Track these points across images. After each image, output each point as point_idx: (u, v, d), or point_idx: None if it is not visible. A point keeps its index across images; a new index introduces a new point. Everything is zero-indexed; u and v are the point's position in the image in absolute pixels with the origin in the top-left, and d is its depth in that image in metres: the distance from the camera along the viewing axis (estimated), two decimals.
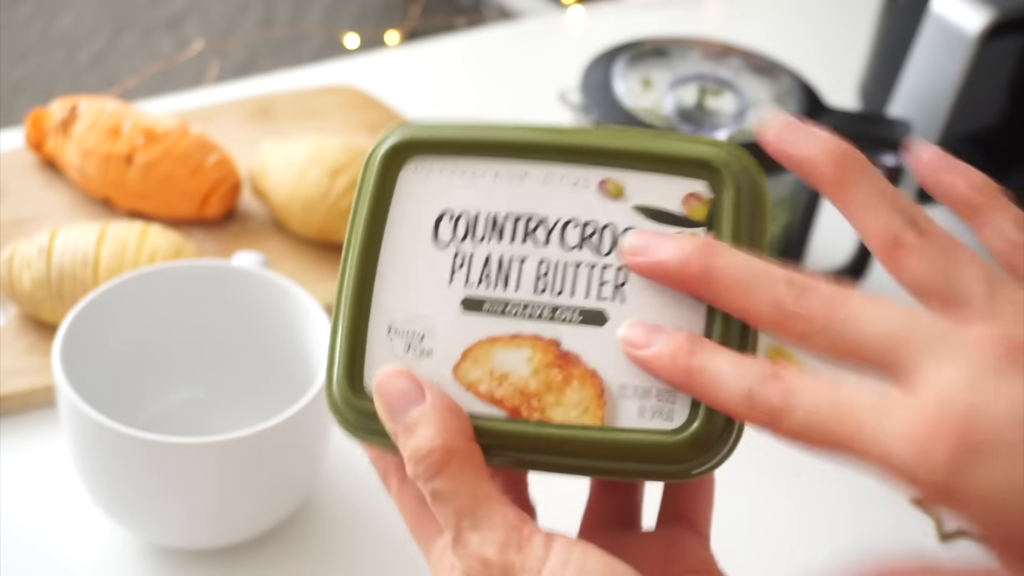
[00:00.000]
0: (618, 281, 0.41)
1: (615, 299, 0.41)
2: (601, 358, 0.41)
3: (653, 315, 0.41)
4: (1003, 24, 0.82)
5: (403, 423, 0.41)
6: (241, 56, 2.31)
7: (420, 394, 0.41)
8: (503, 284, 0.42)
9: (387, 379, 0.41)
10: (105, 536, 0.68)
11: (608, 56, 0.84)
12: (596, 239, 0.42)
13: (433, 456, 0.40)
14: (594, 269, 0.42)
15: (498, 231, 0.42)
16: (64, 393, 0.61)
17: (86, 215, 0.87)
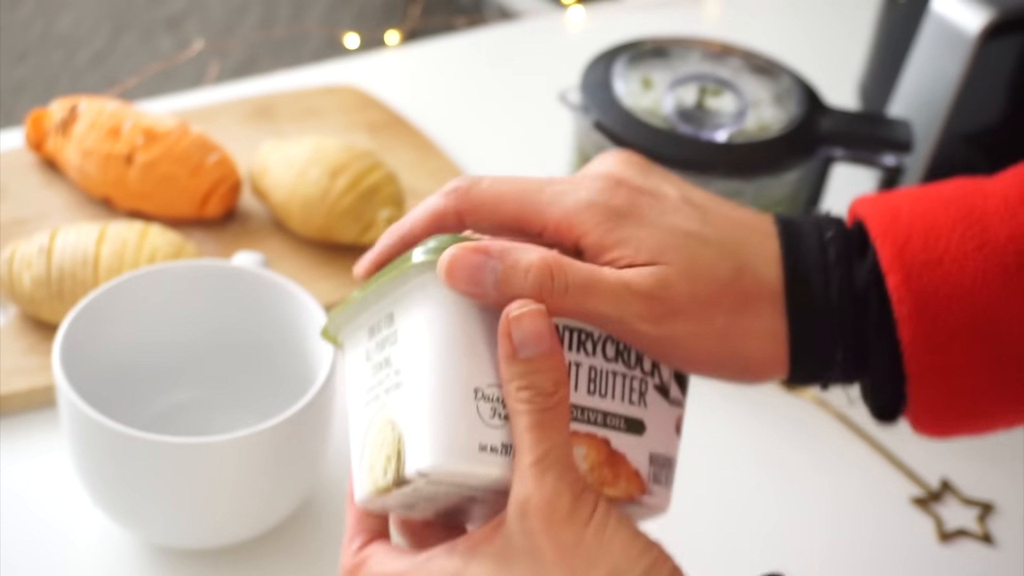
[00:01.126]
0: (642, 389, 0.48)
1: (641, 404, 0.48)
2: (640, 460, 0.48)
3: (664, 419, 0.49)
4: (1003, 24, 0.82)
5: (531, 354, 0.45)
6: (241, 56, 2.31)
7: (553, 339, 0.45)
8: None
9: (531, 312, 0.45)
10: (105, 536, 0.68)
11: (608, 56, 0.84)
12: (627, 354, 0.48)
13: (554, 398, 0.45)
14: (627, 378, 0.48)
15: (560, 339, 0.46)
16: (64, 393, 0.61)
17: (86, 215, 0.87)
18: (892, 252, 0.47)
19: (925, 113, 0.85)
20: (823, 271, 0.48)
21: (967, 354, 0.47)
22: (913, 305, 0.46)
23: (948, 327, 0.47)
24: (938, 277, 0.47)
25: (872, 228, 0.48)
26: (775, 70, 0.84)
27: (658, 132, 0.78)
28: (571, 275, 0.46)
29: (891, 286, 0.47)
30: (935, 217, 0.48)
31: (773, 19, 1.21)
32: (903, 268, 0.47)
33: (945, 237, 0.48)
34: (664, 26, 1.14)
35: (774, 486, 0.75)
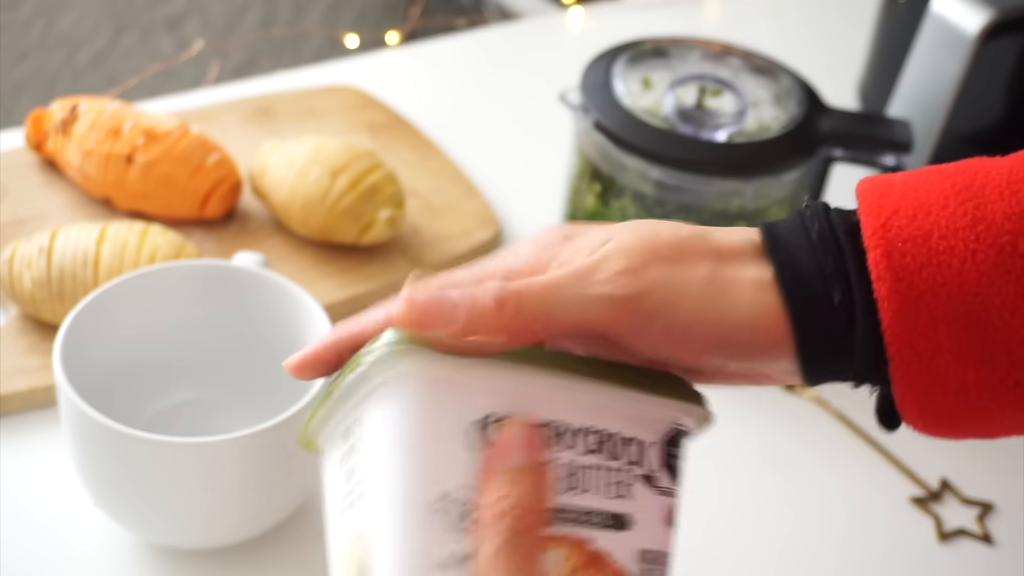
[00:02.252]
0: (627, 481, 0.45)
1: (626, 497, 0.45)
2: (627, 558, 0.44)
3: (652, 511, 0.46)
4: (1002, 24, 0.82)
5: (514, 465, 0.42)
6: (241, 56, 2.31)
7: (541, 451, 0.43)
8: None
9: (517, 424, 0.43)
10: (105, 536, 0.68)
11: (608, 56, 0.84)
12: (609, 445, 0.45)
13: (532, 516, 0.42)
14: (609, 471, 0.45)
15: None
16: (64, 393, 0.61)
17: (86, 215, 0.87)
18: (875, 226, 0.44)
19: (925, 113, 0.85)
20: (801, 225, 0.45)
21: (954, 341, 0.43)
22: (893, 284, 0.43)
23: (932, 310, 0.43)
24: (923, 255, 0.43)
25: (861, 202, 0.45)
26: (775, 70, 0.84)
27: (658, 132, 0.78)
28: (523, 283, 0.44)
29: (871, 262, 0.44)
30: (928, 191, 0.45)
31: (773, 19, 1.21)
32: (885, 243, 0.44)
33: (936, 212, 0.44)
34: (664, 26, 1.14)
35: (774, 486, 0.75)
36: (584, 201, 0.84)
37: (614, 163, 0.80)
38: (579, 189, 0.84)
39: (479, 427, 0.43)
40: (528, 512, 0.42)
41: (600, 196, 0.82)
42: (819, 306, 0.44)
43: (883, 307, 0.43)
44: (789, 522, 0.73)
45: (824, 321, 0.44)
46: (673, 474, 0.47)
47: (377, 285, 0.84)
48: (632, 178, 0.80)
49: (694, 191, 0.79)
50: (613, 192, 0.81)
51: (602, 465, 0.45)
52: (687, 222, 0.80)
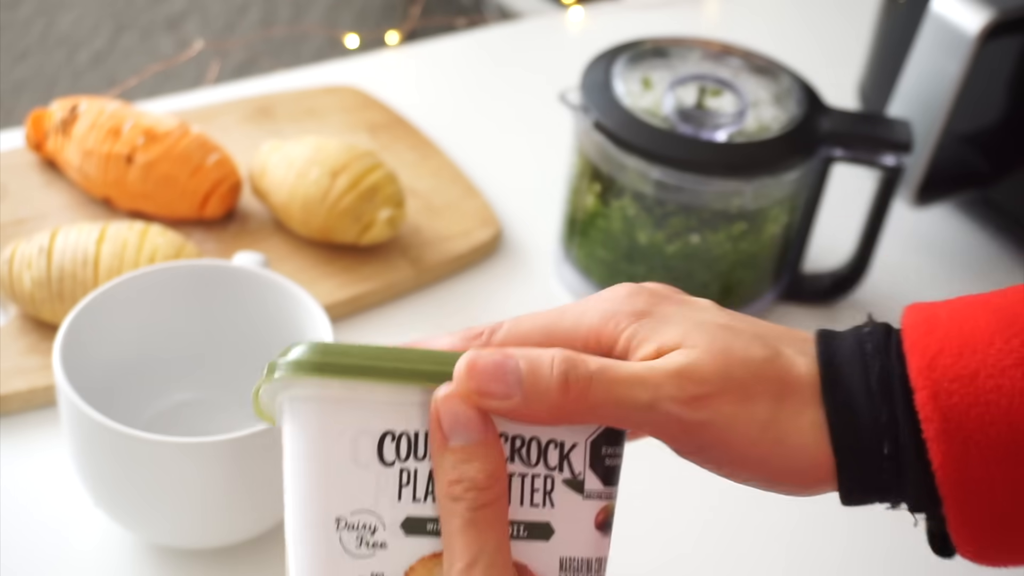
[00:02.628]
0: (547, 488, 0.44)
1: (546, 504, 0.44)
2: (547, 567, 0.44)
3: (578, 517, 0.44)
4: (1002, 24, 0.82)
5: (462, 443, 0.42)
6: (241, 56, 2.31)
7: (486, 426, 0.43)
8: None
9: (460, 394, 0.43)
10: (105, 536, 0.68)
11: (608, 56, 0.84)
12: (524, 451, 0.44)
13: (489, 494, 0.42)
14: (526, 478, 0.44)
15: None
16: (64, 393, 0.61)
17: (86, 215, 0.87)
18: (921, 365, 0.44)
19: (925, 113, 0.85)
20: (861, 361, 0.45)
21: (1007, 479, 0.43)
22: (941, 425, 0.43)
23: (982, 448, 0.43)
24: (971, 395, 0.43)
25: (906, 338, 0.45)
26: (775, 70, 0.84)
27: (658, 132, 0.78)
28: (594, 364, 0.43)
29: (918, 403, 0.43)
30: (974, 327, 0.44)
31: (773, 19, 1.21)
32: (931, 383, 0.43)
33: (982, 351, 0.44)
34: (664, 26, 1.14)
35: None
36: (584, 201, 0.84)
37: (614, 163, 0.80)
38: (579, 189, 0.84)
39: (378, 447, 0.43)
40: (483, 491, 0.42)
41: (600, 196, 0.82)
42: (870, 458, 0.44)
43: (932, 448, 0.43)
44: (793, 521, 0.73)
45: (873, 472, 0.45)
46: (607, 477, 0.45)
47: (377, 285, 0.84)
48: (632, 178, 0.80)
49: (694, 191, 0.79)
50: (613, 192, 0.81)
51: (517, 472, 0.44)
52: (687, 222, 0.80)
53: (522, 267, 0.90)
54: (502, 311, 0.86)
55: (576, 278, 0.87)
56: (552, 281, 0.89)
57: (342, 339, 0.80)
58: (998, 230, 0.96)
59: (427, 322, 0.84)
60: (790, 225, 0.84)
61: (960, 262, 0.95)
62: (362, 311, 0.84)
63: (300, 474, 0.43)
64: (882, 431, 0.44)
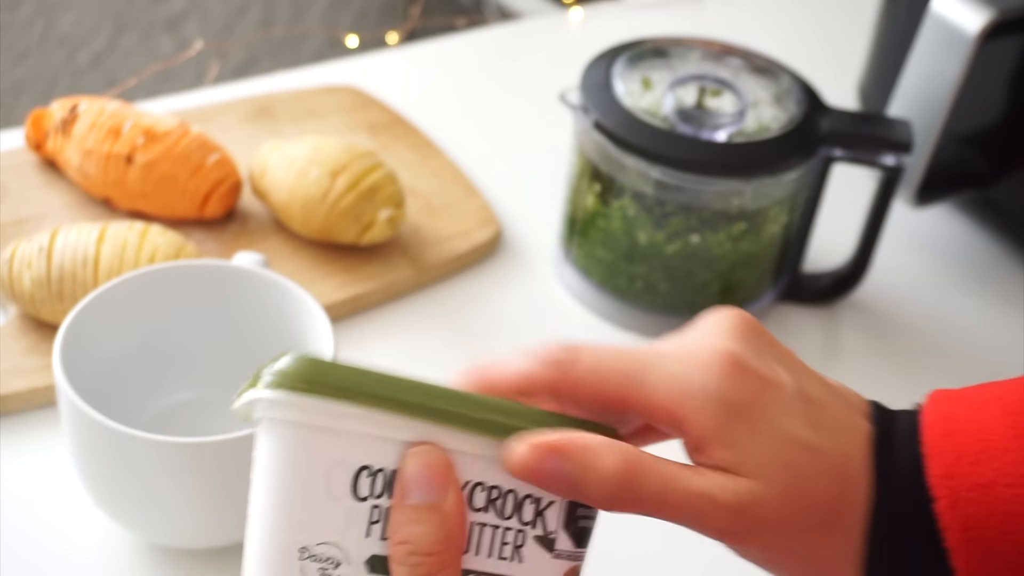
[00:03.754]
0: (518, 542, 0.43)
1: (514, 559, 0.43)
2: None
3: (544, 574, 0.43)
4: (1002, 24, 0.82)
5: (417, 502, 0.41)
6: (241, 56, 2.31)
7: (446, 492, 0.41)
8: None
9: (430, 450, 0.41)
10: (105, 536, 0.68)
11: (608, 56, 0.84)
12: (500, 503, 0.43)
13: (431, 562, 0.41)
14: (498, 531, 0.43)
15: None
16: (64, 393, 0.61)
17: (86, 215, 0.87)
18: (939, 474, 0.43)
19: (925, 113, 0.85)
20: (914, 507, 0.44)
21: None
22: (962, 535, 0.43)
23: (1002, 555, 0.43)
24: (988, 503, 0.42)
25: (925, 439, 0.44)
26: (775, 70, 0.84)
27: (658, 132, 0.78)
28: (648, 485, 0.42)
29: (938, 511, 0.43)
30: (991, 431, 0.44)
31: (773, 19, 1.21)
32: (950, 492, 0.43)
33: (999, 457, 0.43)
34: (664, 26, 1.14)
35: None
36: (584, 201, 0.84)
37: (614, 163, 0.80)
38: (579, 189, 0.84)
39: (353, 480, 0.41)
40: (426, 557, 0.41)
41: (600, 196, 0.82)
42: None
43: (955, 557, 0.43)
44: None
45: None
46: (579, 537, 0.44)
47: (377, 285, 0.84)
48: (632, 178, 0.80)
49: (694, 191, 0.79)
50: (613, 192, 0.81)
51: (489, 523, 0.43)
52: (687, 222, 0.80)
53: (522, 267, 0.90)
54: (502, 311, 0.86)
55: (576, 278, 0.87)
56: (552, 281, 0.89)
57: (342, 339, 0.80)
58: (998, 230, 0.96)
59: (427, 322, 0.84)
60: (790, 225, 0.84)
61: (960, 262, 0.95)
62: (362, 311, 0.84)
63: (269, 495, 0.42)
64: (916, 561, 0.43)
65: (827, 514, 0.44)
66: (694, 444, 0.43)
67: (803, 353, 0.84)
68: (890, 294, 0.91)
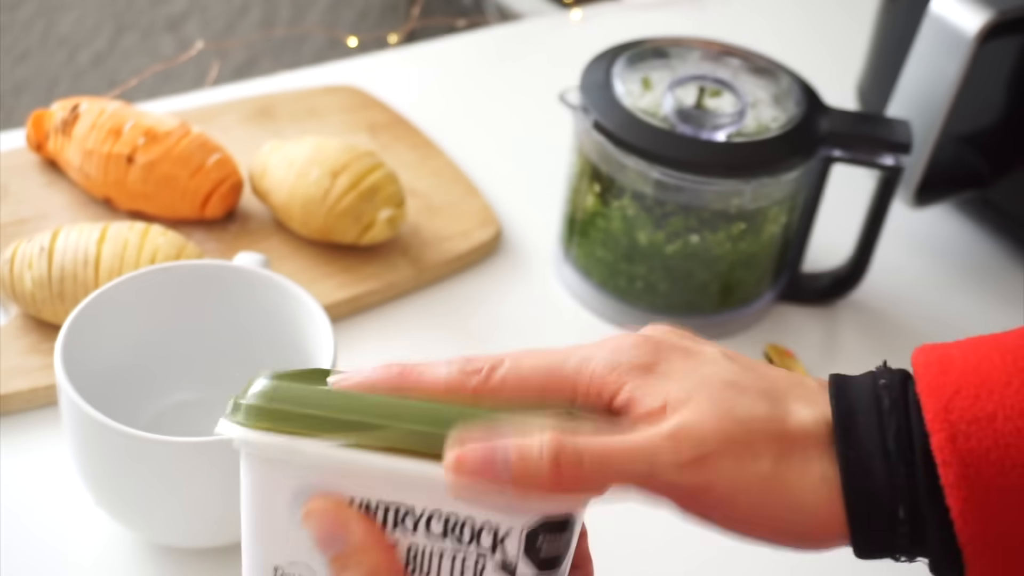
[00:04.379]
0: (478, 568, 0.43)
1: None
2: None
3: None
4: (1001, 24, 0.82)
5: (336, 552, 0.43)
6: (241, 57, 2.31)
7: (356, 531, 0.43)
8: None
9: (321, 505, 0.43)
10: (105, 536, 0.68)
11: (608, 56, 0.84)
12: (458, 531, 0.43)
13: None
14: (457, 557, 0.43)
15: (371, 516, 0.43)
16: (65, 393, 0.61)
17: (87, 215, 0.87)
18: (937, 408, 0.42)
19: (924, 114, 0.85)
20: (877, 416, 0.44)
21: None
22: (960, 470, 0.42)
23: (1002, 491, 0.41)
24: (989, 437, 0.42)
25: (920, 380, 0.44)
26: (774, 70, 0.84)
27: (658, 132, 0.78)
28: (583, 443, 0.42)
29: (935, 446, 0.42)
30: (990, 368, 0.43)
31: (773, 19, 1.21)
32: (948, 426, 0.42)
33: (999, 391, 0.42)
34: (664, 26, 1.14)
35: None
36: (584, 201, 0.84)
37: (614, 163, 0.80)
38: (579, 189, 0.84)
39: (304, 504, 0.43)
40: None
41: (600, 196, 0.82)
42: (885, 521, 0.43)
43: (951, 494, 0.42)
44: None
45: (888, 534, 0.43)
46: (542, 564, 0.44)
47: (377, 285, 0.84)
48: (632, 178, 0.80)
49: (694, 191, 0.79)
50: (613, 192, 0.81)
51: (448, 550, 0.43)
52: (687, 222, 0.80)
53: (522, 267, 0.90)
54: (502, 311, 0.86)
55: (576, 278, 0.87)
56: (552, 281, 0.89)
57: (342, 339, 0.80)
58: (997, 230, 0.96)
59: (427, 322, 0.84)
60: (789, 225, 0.84)
61: (959, 262, 0.95)
62: (362, 311, 0.84)
63: (246, 516, 0.44)
64: (898, 494, 0.43)
65: (771, 435, 0.43)
66: (621, 407, 0.44)
67: (803, 353, 0.84)
68: (889, 294, 0.91)
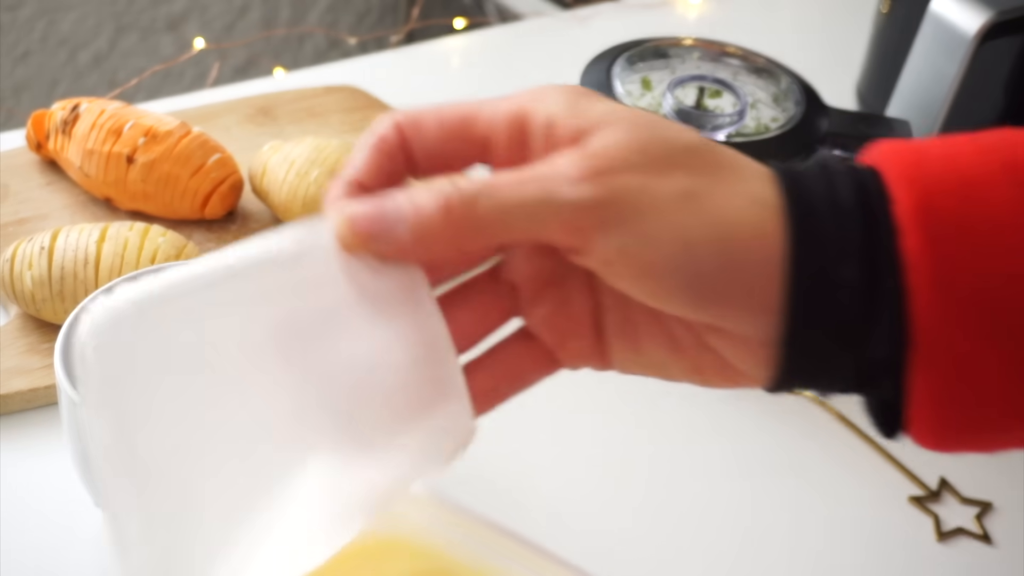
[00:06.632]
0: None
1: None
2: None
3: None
4: (1000, 25, 0.82)
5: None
6: (241, 56, 2.31)
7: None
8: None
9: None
10: (105, 536, 0.68)
11: (608, 56, 0.84)
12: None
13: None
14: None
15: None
16: (65, 393, 0.61)
17: (87, 215, 0.87)
18: (914, 203, 0.37)
19: (923, 114, 0.85)
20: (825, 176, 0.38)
21: (998, 347, 0.37)
22: (933, 273, 0.36)
23: (977, 305, 0.37)
24: (968, 244, 0.36)
25: (889, 172, 0.38)
26: (774, 70, 0.84)
27: None
28: (478, 183, 0.38)
29: (907, 247, 0.37)
30: (969, 164, 0.37)
31: (773, 19, 1.21)
32: (927, 226, 0.37)
33: (983, 188, 0.37)
34: (663, 26, 1.15)
35: (772, 486, 0.75)
36: None
37: None
38: None
39: None
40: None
41: None
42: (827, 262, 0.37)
43: (920, 298, 0.37)
44: (787, 522, 0.73)
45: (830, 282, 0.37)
46: None
47: None
48: None
49: None
50: None
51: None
52: None
53: None
54: None
55: None
56: None
57: None
58: None
59: None
60: None
61: None
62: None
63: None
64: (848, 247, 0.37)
65: (695, 156, 0.38)
66: (539, 149, 0.40)
67: None
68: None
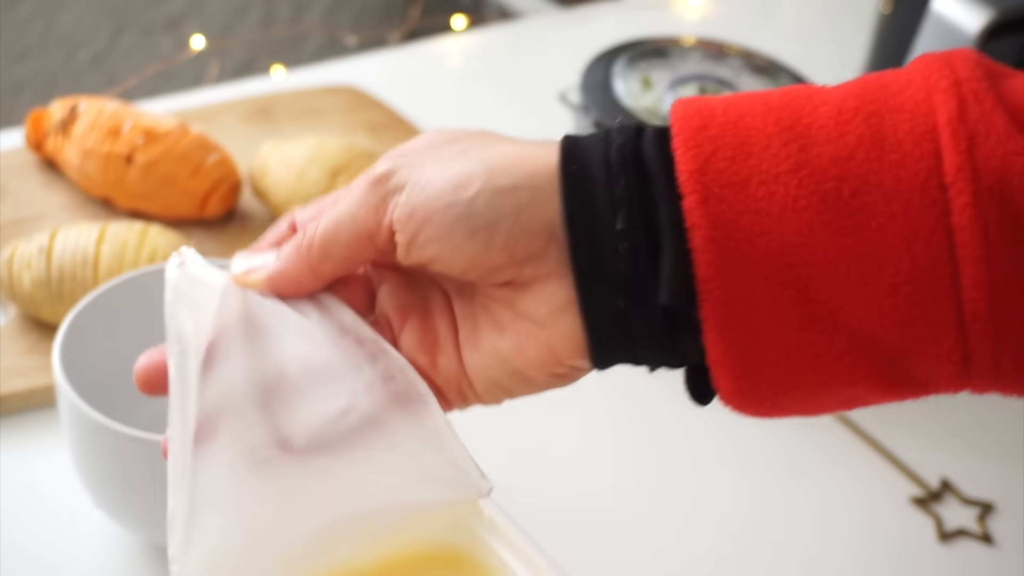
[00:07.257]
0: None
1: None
2: None
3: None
4: (1002, 24, 0.82)
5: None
6: (241, 56, 2.31)
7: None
8: None
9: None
10: (105, 536, 0.68)
11: (608, 56, 0.84)
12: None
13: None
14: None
15: None
16: (64, 393, 0.61)
17: (86, 215, 0.87)
18: (691, 168, 0.39)
19: None
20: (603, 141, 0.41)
21: (773, 301, 0.39)
22: (709, 233, 0.38)
23: (749, 262, 0.38)
24: (741, 202, 0.38)
25: (677, 134, 0.40)
26: (775, 70, 0.84)
27: None
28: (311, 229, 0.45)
29: (686, 208, 0.39)
30: (750, 127, 0.40)
31: (773, 19, 1.21)
32: (702, 188, 0.39)
33: (757, 154, 0.39)
34: (664, 26, 1.14)
35: (773, 485, 0.75)
36: None
37: None
38: None
39: None
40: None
41: None
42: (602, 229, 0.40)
43: (698, 258, 0.39)
44: (788, 522, 0.73)
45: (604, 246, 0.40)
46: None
47: None
48: None
49: None
50: None
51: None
52: None
53: None
54: None
55: None
56: None
57: None
58: None
59: None
60: None
61: None
62: None
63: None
64: (617, 203, 0.40)
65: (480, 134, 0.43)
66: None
67: None
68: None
